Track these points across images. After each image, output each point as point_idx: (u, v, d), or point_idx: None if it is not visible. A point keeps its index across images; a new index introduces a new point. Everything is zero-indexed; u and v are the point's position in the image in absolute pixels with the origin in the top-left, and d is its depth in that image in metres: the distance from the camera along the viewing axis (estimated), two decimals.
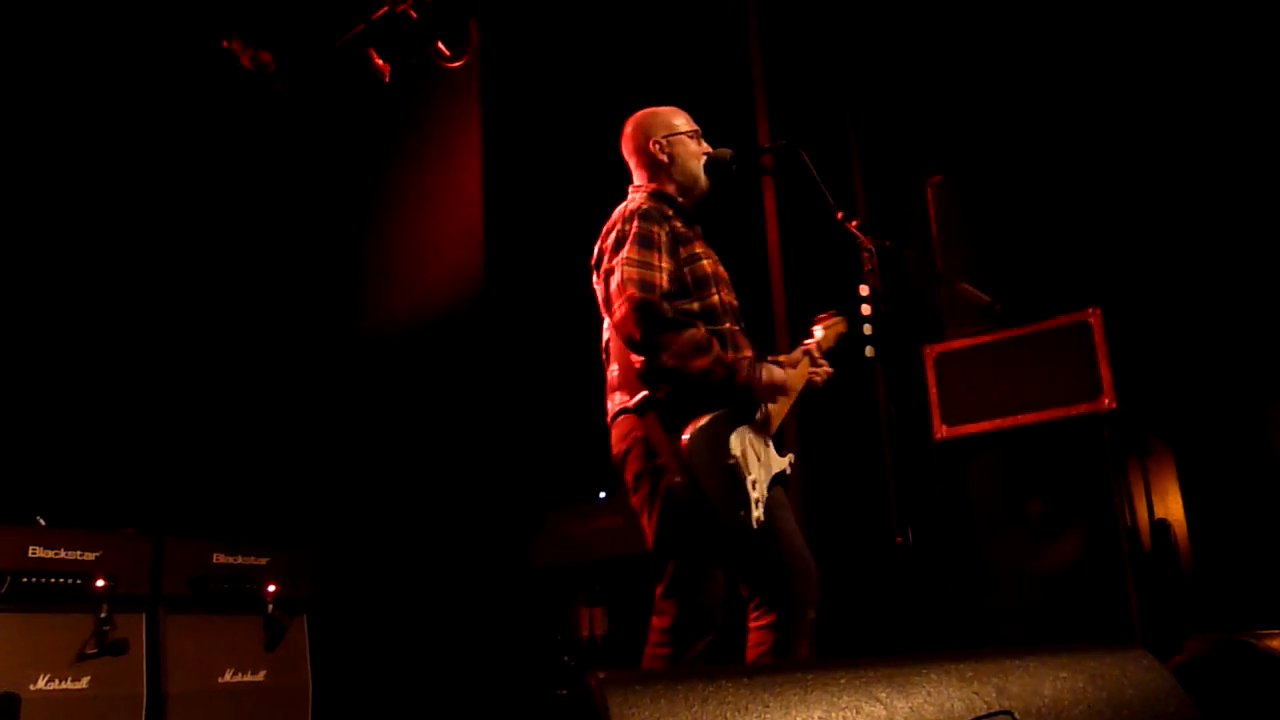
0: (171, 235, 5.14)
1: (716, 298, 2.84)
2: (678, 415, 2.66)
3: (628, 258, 2.74)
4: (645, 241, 2.76)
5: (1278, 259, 4.72)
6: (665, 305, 2.69)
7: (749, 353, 2.85)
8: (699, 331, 2.70)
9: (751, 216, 5.08)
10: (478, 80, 5.37)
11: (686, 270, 2.82)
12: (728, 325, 2.84)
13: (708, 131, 3.14)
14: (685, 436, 2.60)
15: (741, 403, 2.74)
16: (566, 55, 5.46)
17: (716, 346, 2.70)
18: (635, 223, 2.79)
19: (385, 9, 5.00)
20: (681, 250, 2.83)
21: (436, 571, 4.92)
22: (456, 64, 5.18)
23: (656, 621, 2.71)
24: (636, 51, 5.33)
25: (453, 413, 5.11)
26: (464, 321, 5.15)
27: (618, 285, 2.72)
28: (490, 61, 5.36)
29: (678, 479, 2.61)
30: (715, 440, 2.65)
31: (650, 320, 2.67)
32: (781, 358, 3.08)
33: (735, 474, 2.64)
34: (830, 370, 3.06)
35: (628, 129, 3.10)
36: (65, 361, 4.67)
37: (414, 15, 5.00)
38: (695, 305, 2.79)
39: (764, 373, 2.75)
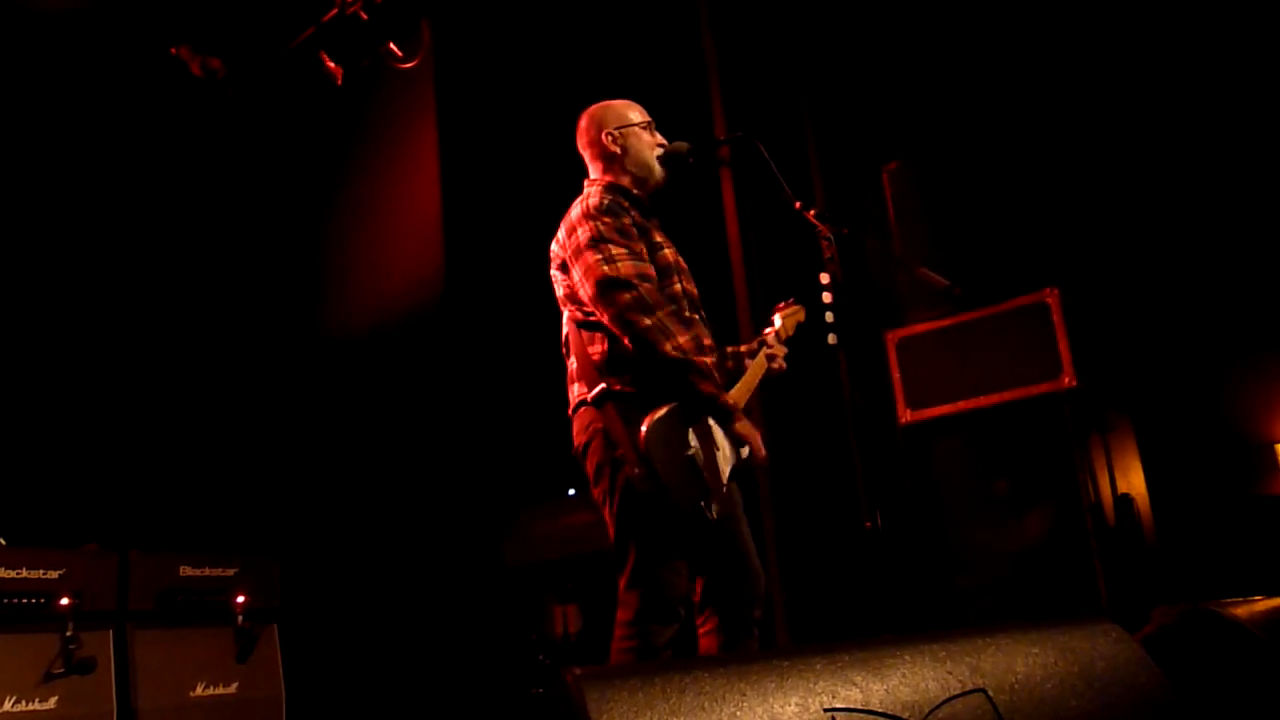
0: (128, 245, 5.07)
1: (679, 286, 2.86)
2: (635, 406, 2.67)
3: (614, 253, 2.74)
4: (624, 232, 2.78)
5: (1232, 235, 4.80)
6: (659, 300, 2.72)
7: (709, 343, 2.87)
8: (690, 336, 2.71)
9: (711, 207, 5.09)
10: (432, 81, 5.34)
11: (653, 259, 2.83)
12: (689, 314, 2.86)
13: (665, 125, 3.14)
14: (644, 427, 2.59)
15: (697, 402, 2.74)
16: (520, 52, 5.44)
17: (707, 369, 2.70)
18: (606, 218, 2.79)
19: (335, 11, 4.95)
20: (644, 239, 2.84)
21: (408, 575, 4.89)
22: (409, 65, 5.14)
23: (621, 615, 2.71)
24: (590, 46, 5.32)
25: (418, 414, 5.08)
26: (426, 322, 5.12)
27: (609, 278, 2.71)
28: (444, 61, 5.33)
29: (637, 470, 2.61)
30: (673, 431, 2.65)
31: (649, 320, 2.67)
32: (742, 348, 3.10)
33: (694, 465, 2.65)
34: (784, 357, 3.08)
35: (581, 123, 3.10)
36: (22, 376, 4.59)
37: (365, 17, 4.95)
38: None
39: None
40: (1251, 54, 4.72)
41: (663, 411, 2.64)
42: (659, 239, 2.91)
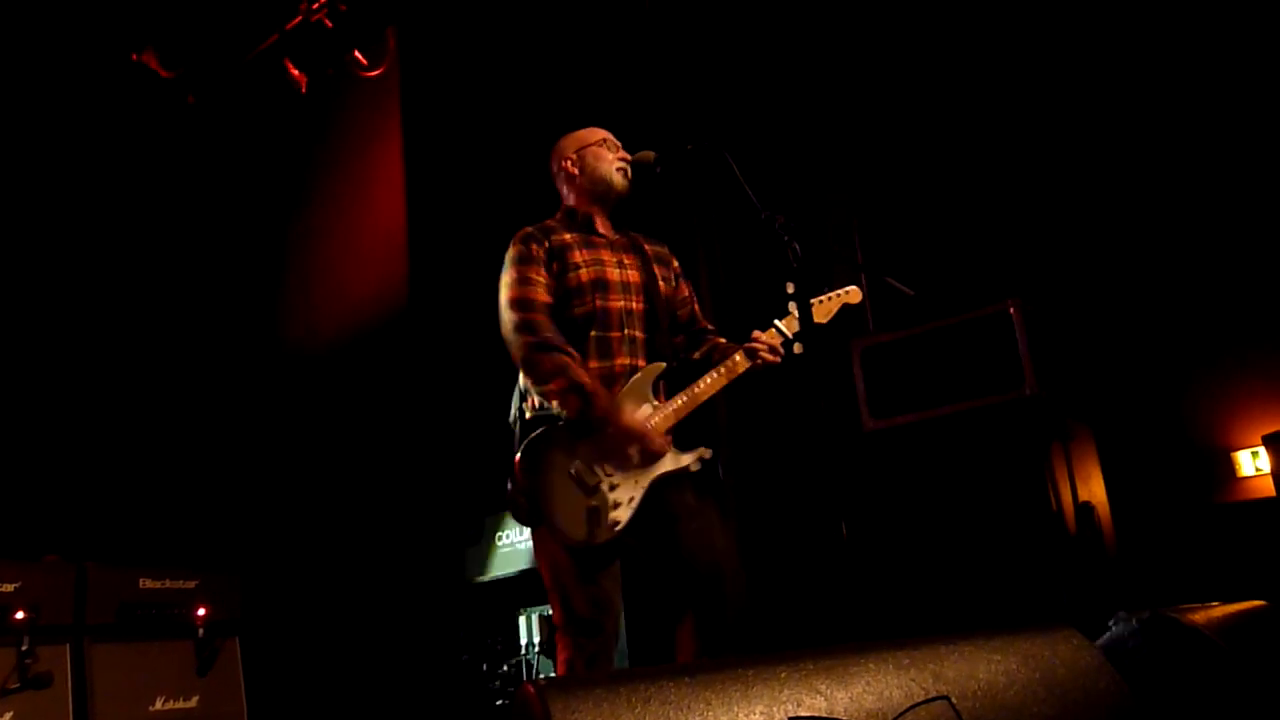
0: (87, 254, 5.01)
1: (597, 303, 2.88)
2: (528, 431, 2.76)
3: (509, 279, 2.87)
4: (524, 259, 2.89)
5: (1190, 247, 4.87)
6: (542, 320, 2.80)
7: (625, 360, 2.88)
8: (561, 359, 2.75)
9: (677, 216, 5.09)
10: (397, 89, 5.31)
11: (561, 281, 2.89)
12: (597, 333, 2.87)
13: (632, 136, 3.14)
14: (517, 454, 2.70)
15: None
16: (485, 61, 5.43)
17: (575, 375, 2.73)
18: (515, 245, 2.92)
19: (299, 19, 4.92)
20: (554, 264, 2.90)
21: (371, 586, 4.86)
22: (374, 73, 5.12)
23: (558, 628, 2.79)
24: (555, 55, 5.32)
25: (381, 425, 5.05)
26: (389, 333, 5.09)
27: (502, 304, 2.85)
28: (409, 70, 5.30)
29: (516, 497, 2.71)
30: (552, 452, 2.71)
31: (523, 339, 2.78)
32: (722, 340, 3.10)
33: (580, 483, 2.69)
34: (775, 349, 2.99)
35: (550, 159, 3.14)
36: None
37: (329, 25, 4.93)
38: (568, 313, 2.87)
39: (618, 416, 2.75)
40: (1208, 70, 4.80)
41: (538, 433, 2.72)
42: (580, 258, 2.92)
